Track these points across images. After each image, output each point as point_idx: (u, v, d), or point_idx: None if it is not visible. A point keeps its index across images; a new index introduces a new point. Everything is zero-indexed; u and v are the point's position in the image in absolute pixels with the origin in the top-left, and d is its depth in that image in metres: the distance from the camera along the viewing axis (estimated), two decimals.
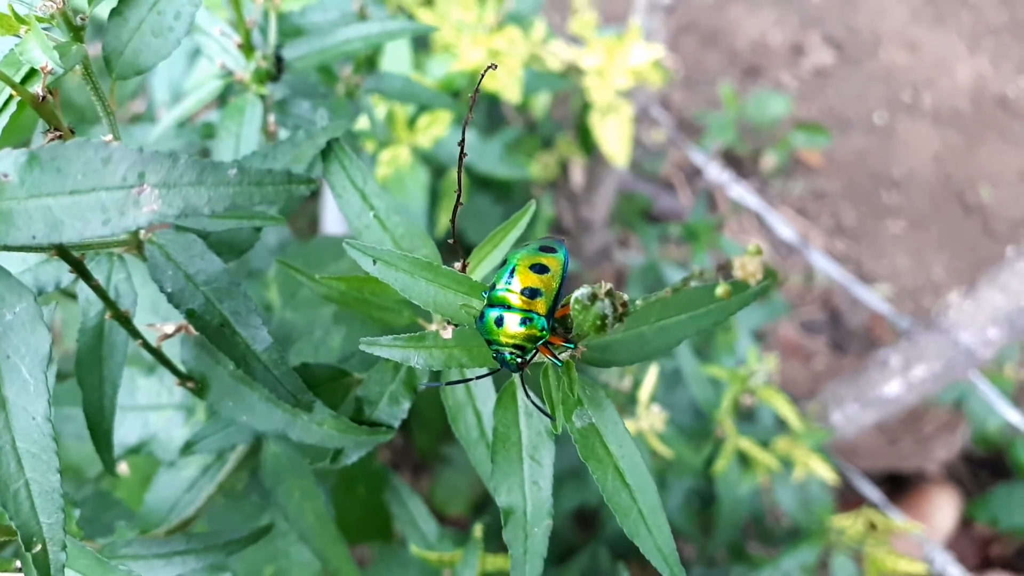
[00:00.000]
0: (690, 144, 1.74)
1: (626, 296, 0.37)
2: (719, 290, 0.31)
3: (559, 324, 0.42)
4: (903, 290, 2.19)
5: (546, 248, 0.44)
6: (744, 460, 1.15)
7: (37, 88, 0.42)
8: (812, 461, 1.14)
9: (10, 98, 0.42)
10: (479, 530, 0.71)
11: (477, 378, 0.44)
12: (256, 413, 0.52)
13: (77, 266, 0.42)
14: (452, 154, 1.27)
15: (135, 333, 0.49)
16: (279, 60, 0.68)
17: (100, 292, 0.45)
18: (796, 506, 1.23)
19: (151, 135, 0.75)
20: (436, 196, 1.30)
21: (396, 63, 1.14)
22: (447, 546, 0.77)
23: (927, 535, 1.57)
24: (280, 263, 0.54)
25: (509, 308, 0.40)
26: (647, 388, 0.88)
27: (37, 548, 0.38)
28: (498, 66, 0.40)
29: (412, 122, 1.16)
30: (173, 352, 0.55)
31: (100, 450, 0.51)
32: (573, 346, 0.41)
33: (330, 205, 1.37)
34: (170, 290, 0.46)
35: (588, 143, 1.59)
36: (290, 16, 0.77)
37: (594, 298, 0.35)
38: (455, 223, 0.45)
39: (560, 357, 0.42)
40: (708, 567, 1.28)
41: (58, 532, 0.38)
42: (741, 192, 1.45)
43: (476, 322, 0.41)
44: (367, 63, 0.90)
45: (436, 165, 1.28)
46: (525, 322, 0.40)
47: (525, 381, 0.44)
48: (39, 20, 0.45)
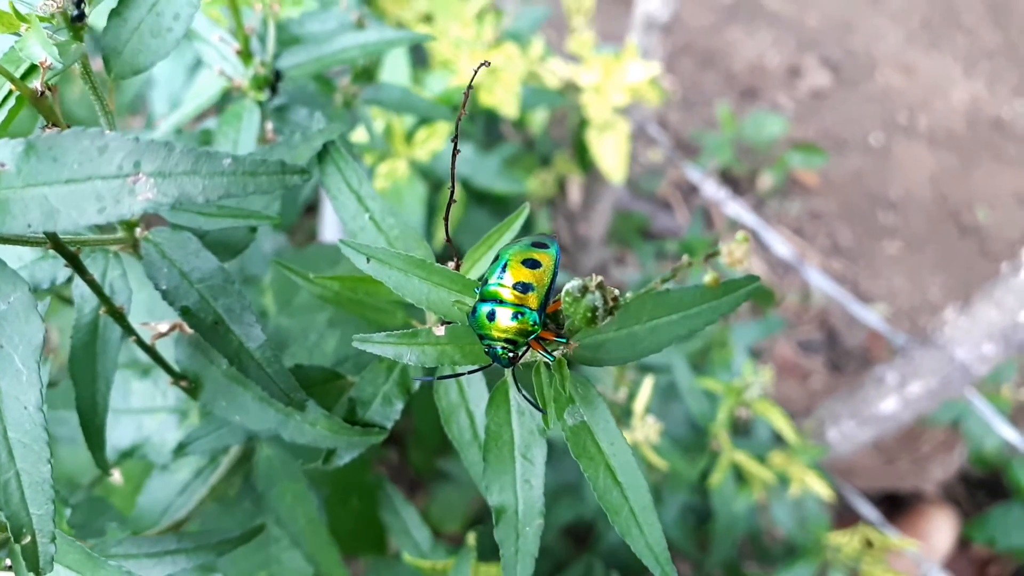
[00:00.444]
0: (687, 162, 1.75)
1: (616, 291, 0.37)
2: (707, 278, 0.31)
3: (551, 320, 0.43)
4: (899, 310, 2.19)
5: (538, 244, 0.45)
6: (740, 476, 1.15)
7: (36, 84, 0.42)
8: (808, 477, 1.14)
9: (9, 93, 0.42)
10: (472, 538, 0.70)
11: (469, 372, 0.44)
12: (249, 413, 0.52)
13: (72, 260, 0.43)
14: (449, 167, 1.28)
15: (129, 329, 0.49)
16: (277, 74, 0.68)
17: (95, 287, 0.45)
18: (792, 523, 1.22)
19: None
20: (433, 210, 1.31)
21: (394, 76, 1.15)
22: (440, 555, 0.77)
23: (925, 555, 1.57)
24: (276, 263, 0.54)
25: (501, 302, 0.41)
26: (642, 399, 0.88)
27: (26, 540, 0.38)
28: (491, 63, 0.40)
29: (410, 136, 1.17)
30: (167, 354, 0.55)
31: (92, 448, 0.51)
32: (565, 340, 0.42)
33: (328, 219, 1.37)
34: (165, 287, 0.47)
35: (585, 160, 1.60)
36: (288, 26, 0.78)
37: (585, 290, 0.36)
38: (448, 220, 0.45)
39: (552, 353, 0.42)
40: None
41: (48, 523, 0.38)
42: (738, 209, 1.46)
43: (468, 317, 0.42)
44: (365, 75, 0.91)
45: (434, 179, 1.29)
46: (517, 316, 0.40)
47: (517, 379, 0.44)
48: (40, 20, 0.46)
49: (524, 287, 0.41)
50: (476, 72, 0.40)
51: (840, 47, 2.69)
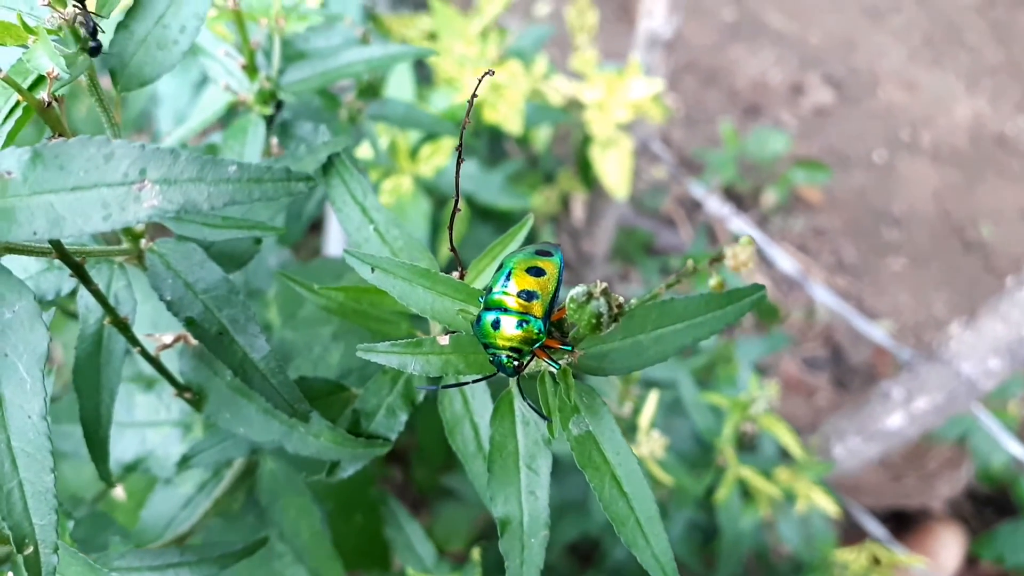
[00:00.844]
0: (690, 179, 1.75)
1: (621, 298, 0.37)
2: (712, 282, 0.31)
3: (556, 329, 0.43)
4: (904, 327, 2.19)
5: (542, 252, 0.45)
6: (746, 493, 1.14)
7: (43, 95, 0.42)
8: (814, 494, 1.13)
9: (16, 104, 0.43)
10: (477, 553, 0.70)
11: (474, 381, 0.44)
12: (253, 425, 0.51)
13: (77, 270, 0.43)
14: (453, 184, 1.28)
15: (134, 340, 0.49)
16: (279, 104, 0.69)
17: (99, 297, 0.45)
18: (799, 540, 1.21)
19: None
20: (437, 226, 1.31)
21: (399, 93, 1.16)
22: (445, 571, 0.76)
23: (932, 573, 1.55)
24: (280, 275, 0.54)
25: (505, 311, 0.41)
26: (647, 413, 0.87)
27: (29, 550, 0.38)
28: (495, 72, 0.40)
29: (414, 152, 1.18)
30: (171, 366, 0.55)
31: (96, 460, 0.51)
32: (570, 348, 0.42)
33: (332, 236, 1.37)
34: (169, 298, 0.47)
35: (589, 176, 1.60)
36: (294, 42, 0.78)
37: (589, 297, 0.35)
38: (452, 229, 0.45)
39: (557, 361, 0.42)
40: None
41: (50, 534, 0.37)
42: (741, 225, 1.46)
43: (473, 326, 0.42)
44: (370, 91, 0.91)
45: (438, 195, 1.29)
46: (522, 324, 0.40)
47: (522, 388, 0.44)
48: (48, 32, 0.46)
49: (528, 295, 0.41)
50: (480, 81, 0.41)
51: (843, 64, 2.70)
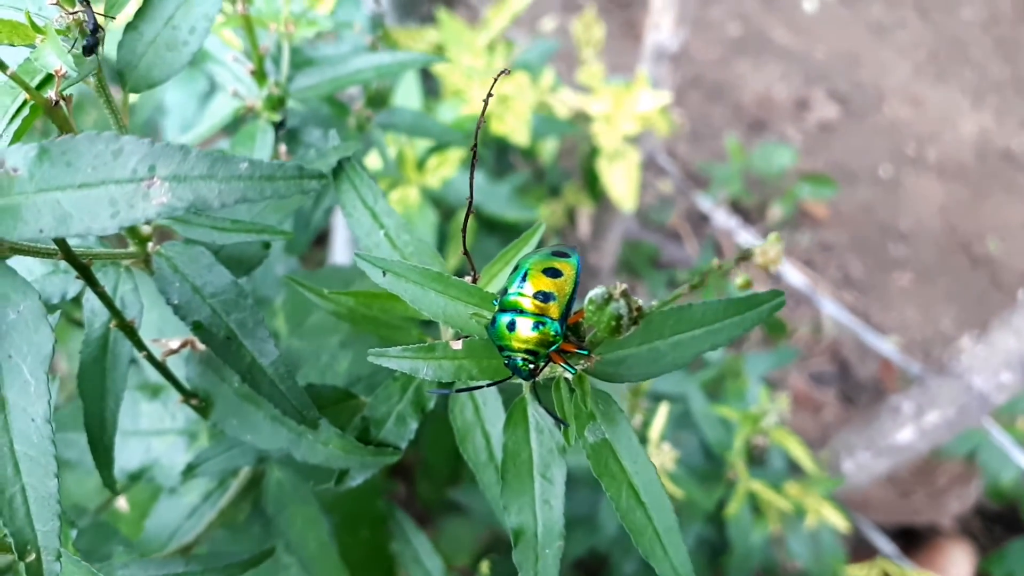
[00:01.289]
0: (696, 192, 1.74)
1: (640, 301, 0.36)
2: (738, 280, 0.30)
3: (572, 332, 0.42)
4: (912, 342, 2.17)
5: (559, 253, 0.44)
6: (756, 508, 1.13)
7: (51, 94, 0.42)
8: (824, 509, 1.12)
9: (24, 103, 0.42)
10: (486, 566, 0.69)
11: (488, 385, 0.43)
12: (261, 432, 0.50)
13: (83, 271, 0.42)
14: (460, 195, 1.28)
15: (140, 344, 0.48)
16: (283, 120, 0.68)
17: (106, 299, 0.44)
18: (808, 556, 1.20)
19: None
20: (444, 237, 1.30)
21: (407, 104, 1.15)
22: None
23: None
24: (289, 279, 0.53)
25: (521, 312, 0.40)
26: (658, 425, 0.86)
27: (31, 557, 0.37)
28: (509, 71, 0.39)
29: (421, 163, 1.17)
30: (178, 373, 0.54)
31: (100, 466, 0.50)
32: (587, 352, 0.41)
33: (338, 247, 1.37)
34: (176, 302, 0.46)
35: (596, 189, 1.60)
36: (302, 49, 0.78)
37: (609, 298, 0.35)
38: (466, 231, 0.44)
39: (573, 366, 0.41)
40: None
41: (53, 540, 0.36)
42: (749, 238, 1.45)
43: (487, 328, 0.41)
44: (379, 101, 0.91)
45: (445, 207, 1.28)
46: (538, 326, 0.39)
47: (538, 394, 0.43)
48: (57, 32, 0.45)
49: (545, 296, 0.40)
50: (496, 79, 0.40)
51: (848, 80, 2.70)
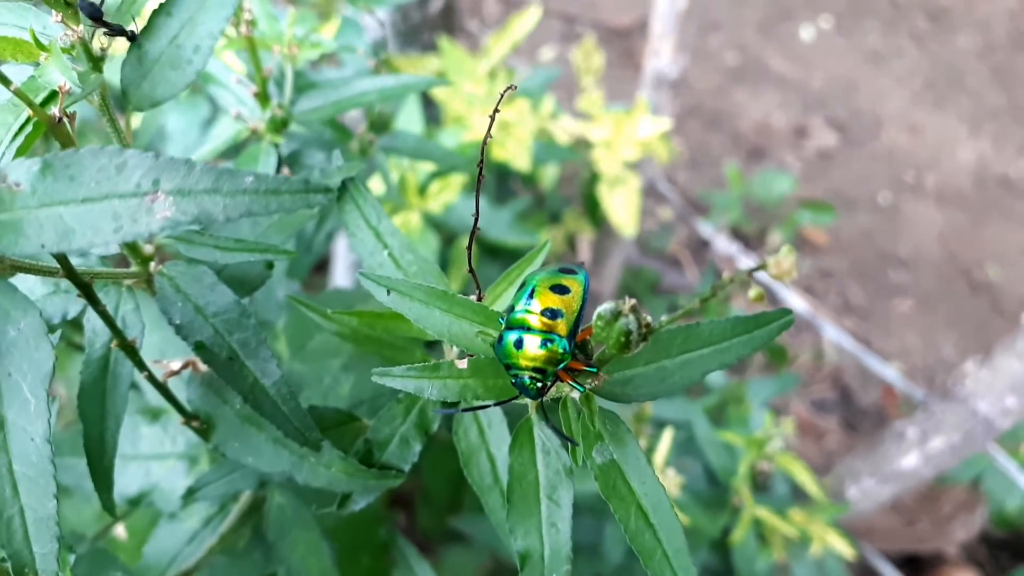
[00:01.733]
0: (697, 218, 1.74)
1: (649, 317, 0.36)
2: (751, 293, 0.30)
3: (580, 350, 0.41)
4: (913, 368, 2.17)
5: (566, 270, 0.43)
6: (760, 536, 1.12)
7: (54, 110, 0.41)
8: (830, 536, 1.11)
9: (27, 120, 0.42)
10: None
11: (496, 404, 0.42)
12: (262, 454, 0.50)
13: (85, 289, 0.41)
14: (462, 220, 1.28)
15: (141, 365, 0.47)
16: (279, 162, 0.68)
17: (107, 318, 0.44)
18: None
19: None
20: (446, 263, 1.30)
21: (409, 128, 1.16)
22: None
23: None
24: (292, 299, 0.53)
25: (529, 330, 0.39)
26: (662, 450, 0.85)
27: None
28: (516, 87, 0.39)
29: (423, 188, 1.17)
30: (179, 395, 0.54)
31: (100, 489, 0.49)
32: (595, 370, 0.40)
33: (339, 272, 1.36)
34: (179, 322, 0.45)
35: (596, 215, 1.60)
36: (305, 73, 0.78)
37: (618, 314, 0.34)
38: (471, 249, 0.44)
39: (581, 384, 0.40)
40: None
41: (51, 563, 0.36)
42: (750, 264, 1.45)
43: (494, 346, 0.40)
44: (381, 126, 0.91)
45: (446, 232, 1.28)
46: (545, 344, 0.38)
47: (546, 413, 0.43)
48: (62, 51, 0.45)
49: (553, 313, 0.40)
50: (503, 96, 0.40)
51: (846, 108, 2.72)
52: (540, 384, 0.39)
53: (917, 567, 1.74)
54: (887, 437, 1.30)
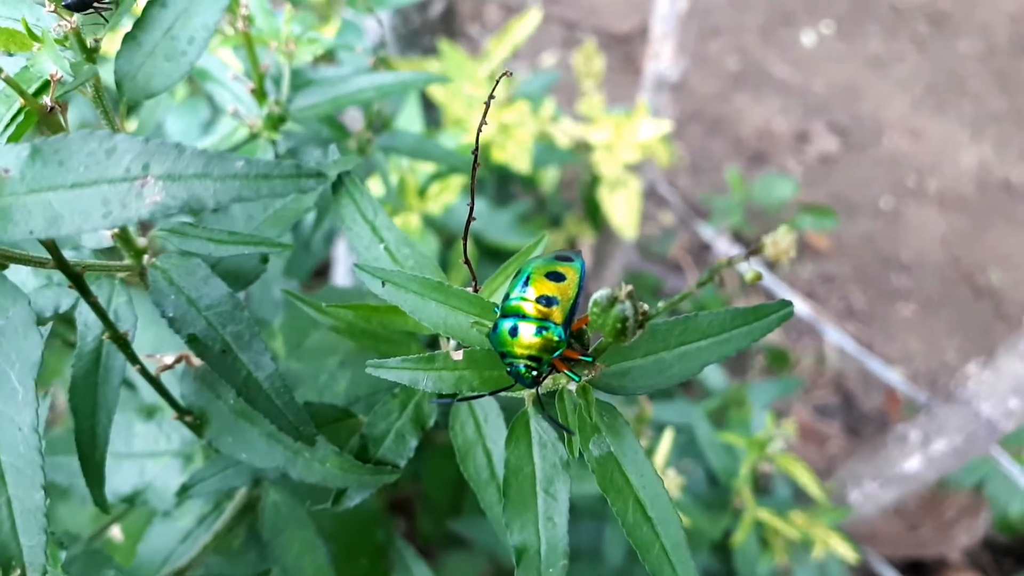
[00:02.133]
0: (697, 222, 1.74)
1: (646, 305, 0.35)
2: (748, 275, 0.29)
3: (576, 340, 0.41)
4: (916, 373, 2.16)
5: (562, 257, 0.43)
6: (762, 540, 1.11)
7: (46, 99, 0.41)
8: (832, 539, 1.10)
9: (19, 111, 0.41)
10: None
11: (491, 393, 0.42)
12: (256, 450, 0.49)
13: (76, 279, 0.41)
14: (461, 222, 1.27)
15: (133, 358, 0.47)
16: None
17: (98, 309, 0.43)
18: None
19: None
20: (446, 266, 1.30)
21: (408, 128, 1.15)
22: None
23: None
24: (287, 293, 0.52)
25: (524, 317, 0.39)
26: (663, 451, 0.85)
27: (15, 573, 0.35)
28: (512, 73, 0.38)
29: (423, 190, 1.17)
30: (172, 391, 0.53)
31: (91, 484, 0.48)
32: (591, 360, 0.39)
33: (339, 278, 1.36)
34: (171, 315, 0.45)
35: (597, 218, 1.59)
36: (303, 71, 0.78)
37: (614, 300, 0.34)
38: (467, 240, 0.43)
39: (578, 373, 0.40)
40: None
41: (39, 556, 0.35)
42: (752, 267, 1.44)
43: (489, 335, 0.40)
44: (380, 127, 0.90)
45: (446, 234, 1.28)
46: (541, 331, 0.38)
47: (542, 403, 0.42)
48: (55, 42, 0.45)
49: (548, 300, 0.39)
50: (498, 82, 0.39)
51: (847, 113, 2.71)
52: (536, 372, 0.38)
53: (920, 572, 1.73)
54: (889, 440, 1.29)
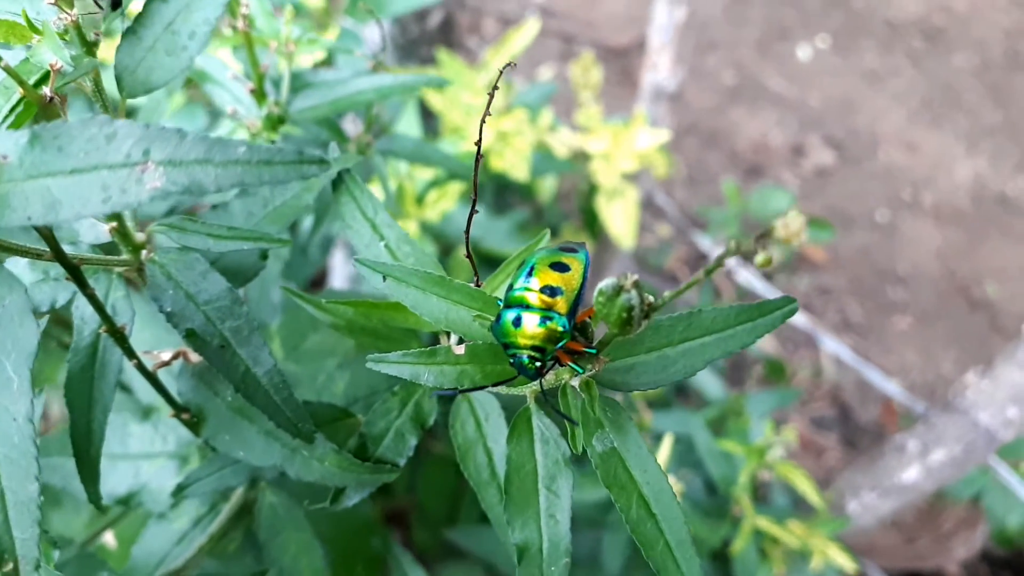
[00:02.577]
0: (695, 232, 1.74)
1: (651, 297, 0.35)
2: (758, 258, 0.29)
3: (580, 333, 0.40)
4: (913, 385, 2.16)
5: (567, 248, 0.42)
6: (761, 550, 1.10)
7: (45, 90, 0.41)
8: (830, 549, 1.09)
9: (19, 102, 0.41)
10: None
11: (494, 385, 0.41)
12: (254, 448, 0.49)
13: (73, 271, 0.40)
14: (460, 229, 1.27)
15: (130, 352, 0.46)
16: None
17: (95, 302, 0.43)
18: None
19: None
20: (445, 272, 1.29)
21: (408, 133, 1.15)
22: None
23: None
24: (285, 289, 0.52)
25: (527, 307, 0.38)
26: (663, 455, 0.84)
27: (8, 567, 0.35)
28: (516, 64, 0.38)
29: (421, 198, 1.16)
30: (169, 388, 0.52)
31: (86, 481, 0.48)
32: (595, 352, 0.39)
33: (337, 278, 1.35)
34: (169, 309, 0.44)
35: (595, 227, 1.59)
36: (303, 75, 0.78)
37: (620, 289, 0.33)
38: (469, 234, 0.43)
39: (581, 365, 0.39)
40: None
41: (32, 549, 0.34)
42: (748, 277, 1.44)
43: (492, 326, 0.39)
44: (379, 132, 0.90)
45: (444, 242, 1.28)
46: (544, 321, 0.38)
47: (545, 395, 0.41)
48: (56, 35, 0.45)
49: (552, 291, 0.39)
50: (501, 73, 0.39)
51: (843, 126, 2.72)
52: (539, 363, 0.38)
53: None
54: (887, 450, 1.29)
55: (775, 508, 1.16)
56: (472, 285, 0.44)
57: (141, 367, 0.47)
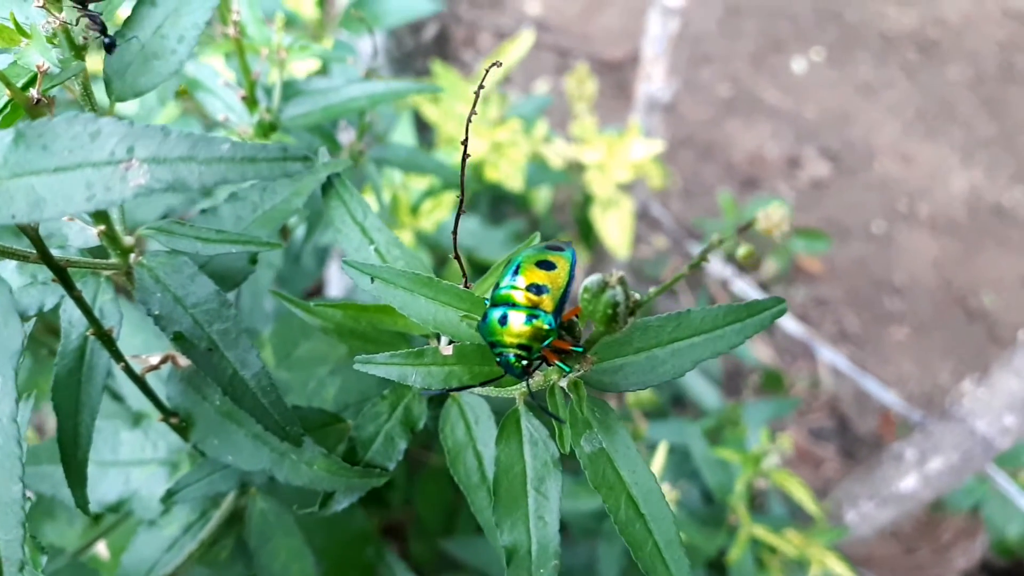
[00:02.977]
0: (690, 243, 1.74)
1: (637, 294, 0.35)
2: (740, 251, 0.29)
3: (567, 332, 0.40)
4: (910, 396, 2.15)
5: (553, 247, 0.42)
6: (758, 560, 1.10)
7: (32, 92, 0.41)
8: (828, 559, 1.09)
9: (7, 103, 0.41)
10: None
11: (481, 385, 0.41)
12: (242, 452, 0.48)
13: (59, 273, 0.40)
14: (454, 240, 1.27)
15: (118, 355, 0.46)
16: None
17: (83, 305, 0.43)
18: None
19: None
20: None
21: (402, 142, 1.15)
22: None
23: None
24: (275, 293, 0.52)
25: (514, 306, 0.38)
26: (658, 463, 0.84)
27: None
28: (502, 63, 0.38)
29: (415, 208, 1.16)
30: (158, 393, 0.52)
31: (73, 485, 0.47)
32: (581, 351, 0.39)
33: (333, 290, 1.35)
34: (157, 312, 0.44)
35: (590, 238, 1.59)
36: (295, 82, 0.78)
37: (605, 286, 0.33)
38: (456, 233, 0.43)
39: (569, 364, 0.39)
40: None
41: (16, 550, 0.34)
42: (744, 287, 1.44)
43: (479, 325, 0.39)
44: (371, 138, 0.90)
45: (439, 252, 1.28)
46: (531, 319, 0.37)
47: (532, 393, 0.41)
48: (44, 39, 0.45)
49: (538, 289, 0.39)
50: (487, 71, 0.39)
51: (838, 138, 2.73)
52: (525, 362, 0.38)
53: None
54: (885, 459, 1.29)
55: (772, 517, 1.15)
56: (460, 287, 0.44)
57: (129, 370, 0.47)
